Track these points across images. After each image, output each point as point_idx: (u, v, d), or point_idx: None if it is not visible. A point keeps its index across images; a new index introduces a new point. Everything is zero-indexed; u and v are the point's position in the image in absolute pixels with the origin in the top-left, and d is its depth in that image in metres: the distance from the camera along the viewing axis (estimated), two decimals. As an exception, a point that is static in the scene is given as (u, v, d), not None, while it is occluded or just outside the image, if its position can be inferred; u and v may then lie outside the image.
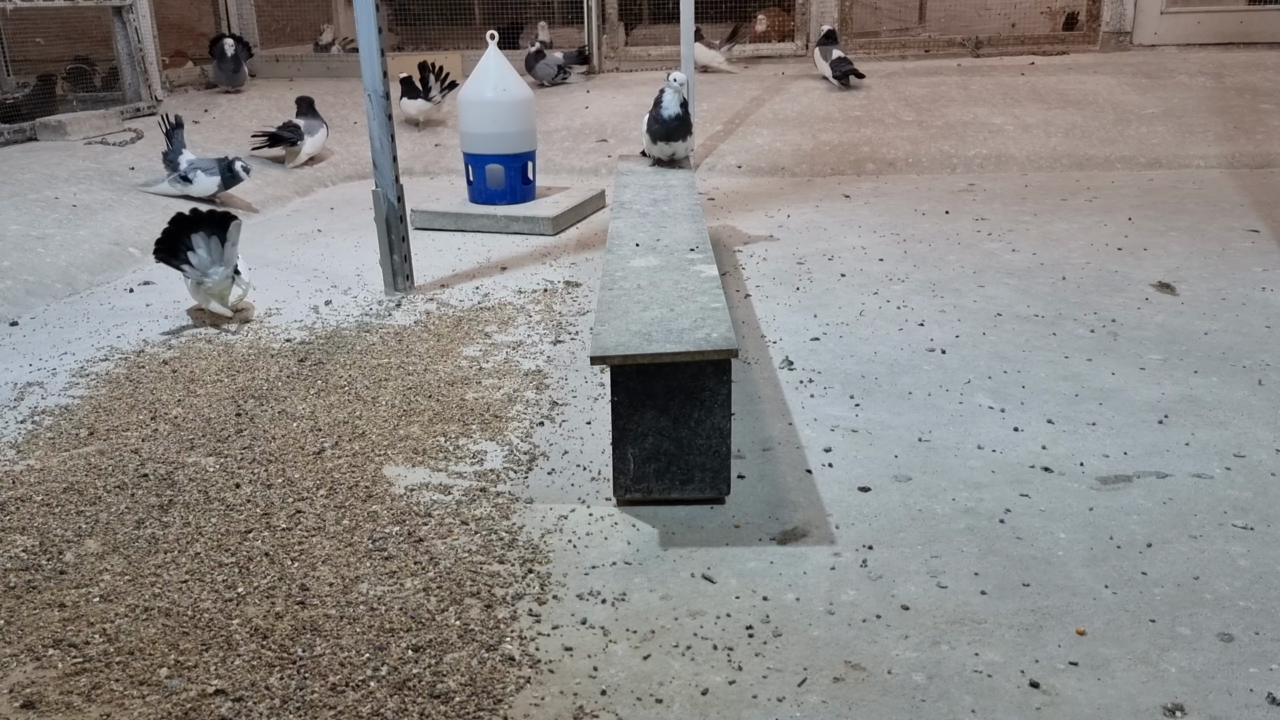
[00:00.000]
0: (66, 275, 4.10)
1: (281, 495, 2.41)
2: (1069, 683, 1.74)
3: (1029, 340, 3.32)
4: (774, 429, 2.74)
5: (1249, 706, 1.67)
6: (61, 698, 1.75)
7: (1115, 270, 4.05)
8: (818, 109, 6.94)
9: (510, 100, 5.02)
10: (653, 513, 2.32)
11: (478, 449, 2.65)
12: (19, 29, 7.48)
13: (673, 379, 2.24)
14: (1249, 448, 2.56)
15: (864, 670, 1.78)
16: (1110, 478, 2.43)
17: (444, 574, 2.08)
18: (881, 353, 3.25)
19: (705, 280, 2.69)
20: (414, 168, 6.46)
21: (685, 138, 4.36)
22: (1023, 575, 2.04)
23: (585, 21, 8.48)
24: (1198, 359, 3.13)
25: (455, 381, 3.08)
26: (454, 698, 1.72)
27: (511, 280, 4.16)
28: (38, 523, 2.31)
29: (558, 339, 3.46)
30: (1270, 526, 2.19)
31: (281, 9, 9.54)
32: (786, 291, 3.91)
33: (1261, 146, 6.10)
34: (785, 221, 5.04)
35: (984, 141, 6.35)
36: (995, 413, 2.80)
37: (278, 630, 1.90)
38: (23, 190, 4.89)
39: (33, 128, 6.05)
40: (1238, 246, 4.33)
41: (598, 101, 7.38)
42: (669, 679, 1.77)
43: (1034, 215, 4.99)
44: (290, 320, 3.72)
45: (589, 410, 2.89)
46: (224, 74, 7.67)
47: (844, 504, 2.34)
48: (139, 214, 4.90)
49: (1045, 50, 8.24)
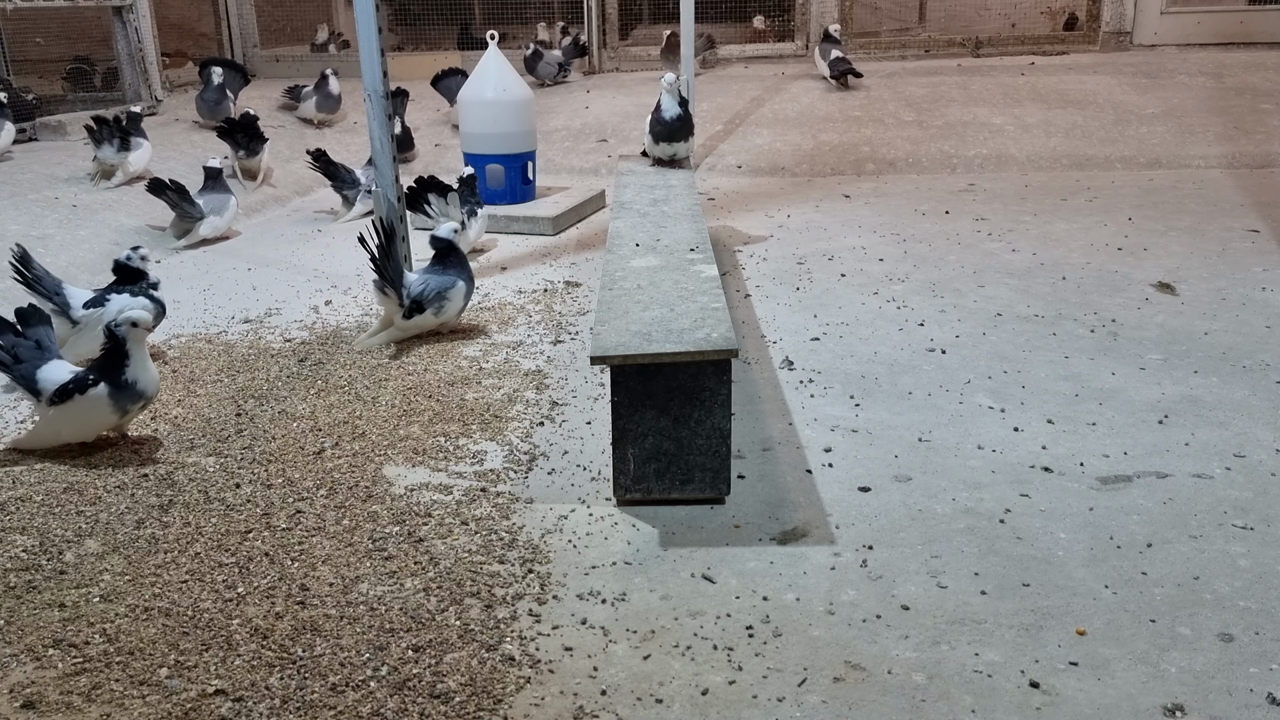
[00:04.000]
0: (67, 275, 4.09)
1: (281, 495, 2.41)
2: (1069, 683, 1.74)
3: (1029, 340, 3.32)
4: (774, 429, 2.74)
5: (1249, 706, 1.67)
6: (61, 698, 1.75)
7: (1115, 270, 4.05)
8: (818, 109, 6.94)
9: (510, 100, 5.02)
10: (653, 513, 2.32)
11: (478, 449, 2.65)
12: (19, 29, 7.48)
13: (673, 379, 2.24)
14: (1249, 448, 2.56)
15: (864, 670, 1.78)
16: (1110, 478, 2.43)
17: (444, 574, 2.08)
18: (881, 353, 3.25)
19: (705, 280, 2.69)
20: (414, 168, 6.46)
21: (686, 138, 4.37)
22: (1023, 575, 2.04)
23: (585, 21, 8.48)
24: (1198, 359, 3.13)
25: (455, 381, 3.08)
26: (454, 698, 1.72)
27: (511, 280, 4.16)
28: (38, 523, 2.31)
29: (558, 339, 3.45)
30: (1270, 526, 2.19)
31: (281, 9, 9.54)
32: (786, 291, 3.91)
33: (1261, 146, 6.10)
34: (785, 221, 5.04)
35: (984, 141, 6.35)
36: (995, 413, 2.80)
37: (278, 630, 1.90)
38: (23, 190, 4.89)
39: (33, 128, 6.04)
40: (1238, 246, 4.33)
41: (598, 101, 7.38)
42: (669, 679, 1.77)
43: (1034, 215, 4.99)
44: (290, 320, 3.72)
45: (589, 410, 2.89)
46: (205, 105, 6.52)
47: (844, 504, 2.34)
48: (139, 214, 4.90)
49: (1045, 50, 8.23)
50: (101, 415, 2.61)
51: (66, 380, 2.59)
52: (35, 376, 2.62)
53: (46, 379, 2.61)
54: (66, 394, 2.58)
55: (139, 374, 2.61)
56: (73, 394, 2.58)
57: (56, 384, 2.59)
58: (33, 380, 2.62)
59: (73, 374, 2.62)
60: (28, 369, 2.63)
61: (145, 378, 2.63)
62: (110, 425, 2.67)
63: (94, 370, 2.60)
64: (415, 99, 7.67)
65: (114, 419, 2.64)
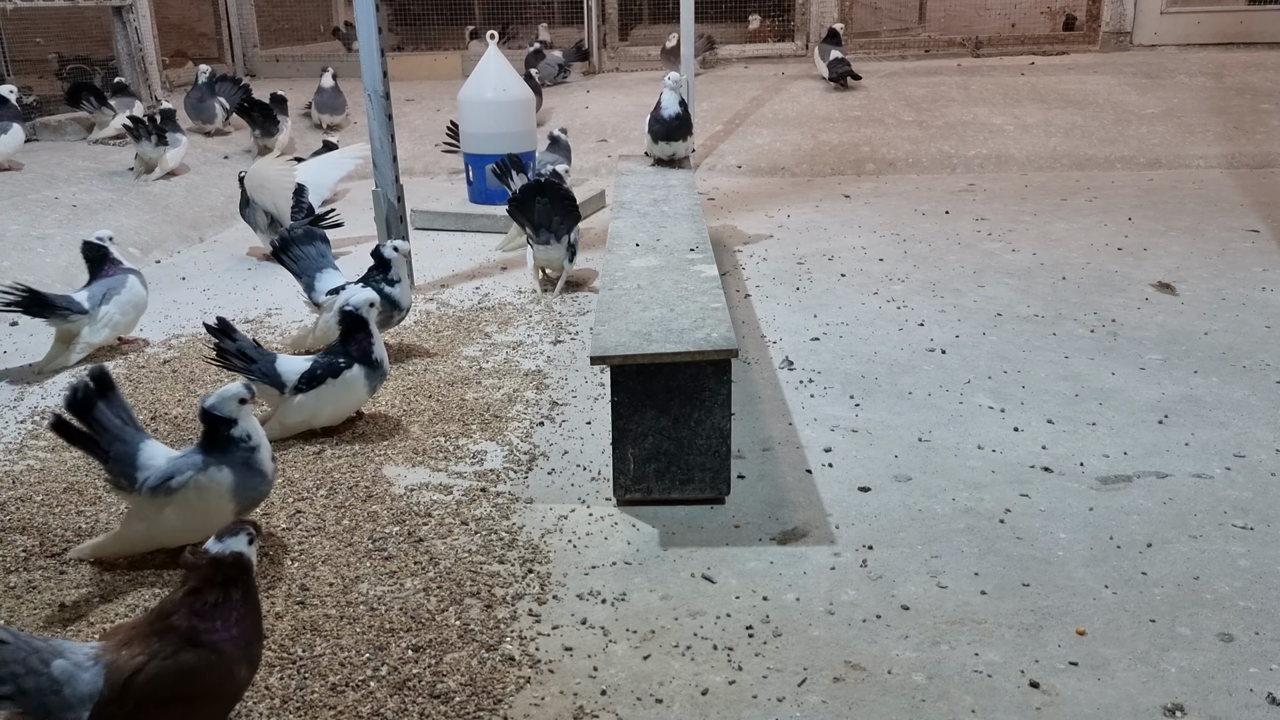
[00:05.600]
0: (66, 275, 4.09)
1: (281, 495, 2.41)
2: (1069, 683, 1.74)
3: (1029, 340, 3.32)
4: (774, 429, 2.74)
5: (1249, 706, 1.67)
6: (61, 698, 1.75)
7: (1115, 270, 4.05)
8: (818, 109, 6.94)
9: (510, 100, 5.02)
10: (653, 513, 2.32)
11: (478, 449, 2.65)
12: (19, 29, 7.48)
13: (673, 379, 2.24)
14: (1249, 448, 2.56)
15: (864, 670, 1.78)
16: (1110, 478, 2.43)
17: (444, 574, 2.08)
18: (881, 353, 3.25)
19: (705, 280, 2.69)
20: (414, 168, 6.46)
21: (685, 137, 4.36)
22: (1023, 575, 2.04)
23: (585, 21, 8.47)
24: (1198, 359, 3.13)
25: (455, 381, 3.08)
26: (454, 698, 1.72)
27: (511, 280, 4.16)
28: (38, 523, 2.31)
29: (558, 339, 3.45)
30: (1270, 526, 2.19)
31: (281, 9, 9.54)
32: (786, 291, 3.91)
33: (1261, 146, 6.10)
34: (785, 221, 5.04)
35: (984, 141, 6.35)
36: (995, 413, 2.80)
37: (278, 630, 1.90)
38: (23, 190, 4.89)
39: (33, 127, 6.04)
40: (1238, 246, 4.33)
41: (598, 101, 7.38)
42: (669, 679, 1.77)
43: (1034, 215, 4.99)
44: (290, 320, 3.72)
45: (589, 410, 2.89)
46: (188, 104, 6.38)
47: (844, 504, 2.34)
48: (139, 214, 4.90)
49: (1045, 50, 8.24)
50: (358, 394, 2.68)
51: (316, 366, 2.65)
52: (275, 370, 2.65)
53: (287, 370, 2.65)
54: (317, 379, 2.65)
55: (382, 354, 2.69)
56: (324, 379, 2.65)
57: (298, 373, 2.63)
58: (274, 374, 2.64)
59: (316, 360, 2.67)
60: (265, 364, 2.65)
61: (385, 357, 2.71)
62: (363, 404, 2.76)
63: (341, 355, 2.66)
64: (415, 99, 7.68)
65: (367, 397, 2.73)
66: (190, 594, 1.50)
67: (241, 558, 1.52)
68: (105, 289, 3.30)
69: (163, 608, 1.50)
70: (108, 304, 3.28)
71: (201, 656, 1.46)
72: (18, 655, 1.37)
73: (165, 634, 1.47)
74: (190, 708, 1.47)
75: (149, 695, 1.43)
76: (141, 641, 1.46)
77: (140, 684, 1.42)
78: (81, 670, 1.41)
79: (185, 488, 2.05)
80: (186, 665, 1.45)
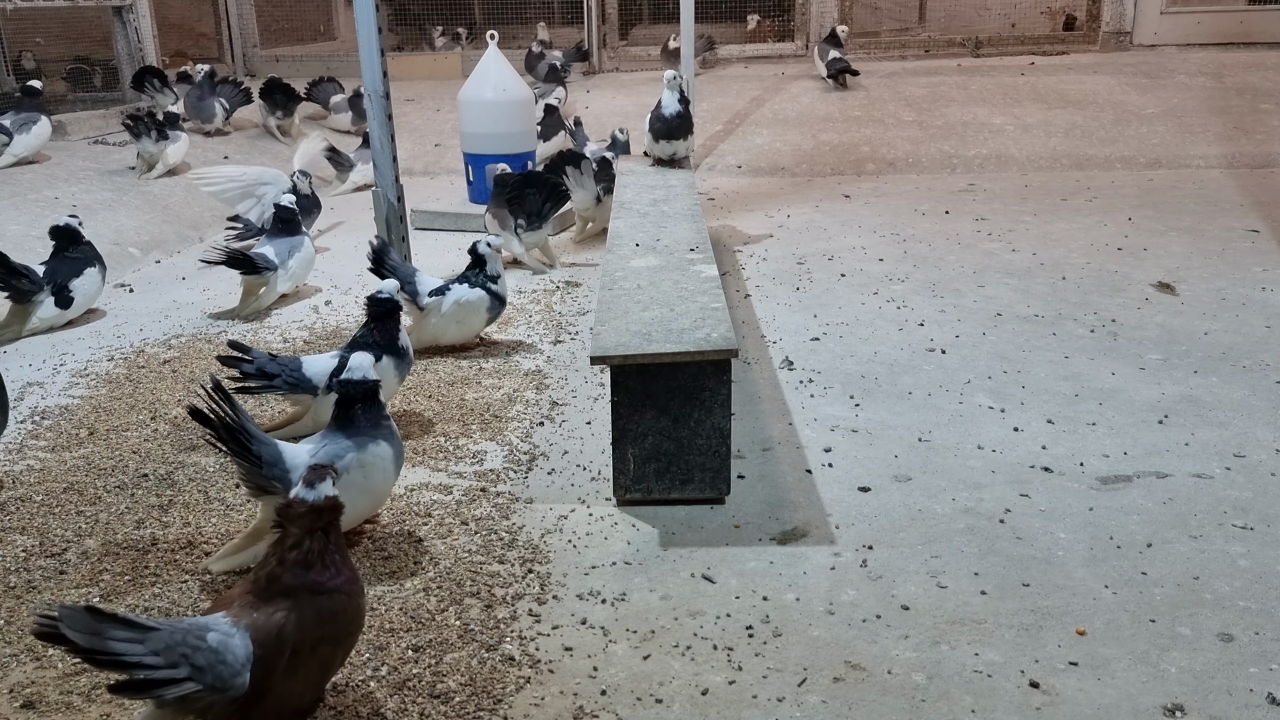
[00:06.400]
0: (66, 275, 4.09)
1: (281, 495, 2.41)
2: (1069, 683, 1.74)
3: (1029, 340, 3.32)
4: (774, 429, 2.74)
5: (1249, 706, 1.67)
6: (61, 698, 1.75)
7: (1115, 270, 4.05)
8: (817, 109, 6.94)
9: (510, 100, 5.02)
10: (653, 513, 2.32)
11: (478, 449, 2.65)
12: (19, 29, 7.48)
13: (673, 379, 2.24)
14: (1249, 448, 2.56)
15: (864, 670, 1.78)
16: (1110, 478, 2.43)
17: (444, 574, 2.08)
18: (881, 353, 3.25)
19: (705, 280, 2.69)
20: (414, 168, 6.46)
21: (686, 136, 4.36)
22: (1023, 575, 2.04)
23: (585, 21, 8.47)
24: (1198, 359, 3.13)
25: (455, 381, 3.08)
26: (454, 698, 1.72)
27: (511, 280, 4.16)
28: (38, 523, 2.31)
29: (558, 339, 3.46)
30: (1270, 526, 2.19)
31: (281, 9, 9.54)
32: (786, 291, 3.91)
33: (1261, 146, 6.10)
34: (785, 221, 5.04)
35: (984, 141, 6.35)
36: (995, 413, 2.80)
37: (278, 630, 1.90)
38: (23, 190, 4.89)
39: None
40: (1238, 246, 4.33)
41: (598, 101, 7.38)
42: (669, 679, 1.77)
43: (1034, 215, 4.99)
44: (290, 320, 3.72)
45: (589, 410, 2.89)
46: (188, 103, 6.37)
47: (844, 504, 2.34)
48: (139, 214, 4.90)
49: (1045, 50, 8.24)
50: (389, 385, 2.62)
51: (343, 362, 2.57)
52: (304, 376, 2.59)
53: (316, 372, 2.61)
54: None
55: (407, 342, 2.70)
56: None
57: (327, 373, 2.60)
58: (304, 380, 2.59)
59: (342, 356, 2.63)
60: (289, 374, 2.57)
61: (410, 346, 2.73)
62: (392, 395, 2.79)
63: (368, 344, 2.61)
64: (415, 99, 7.68)
65: (396, 387, 2.74)
66: (293, 547, 1.57)
67: (336, 500, 1.62)
68: (289, 246, 3.87)
69: (269, 569, 1.56)
70: (291, 259, 3.86)
71: (335, 600, 1.57)
72: (176, 638, 1.43)
73: (291, 592, 1.55)
74: (336, 648, 1.61)
75: (301, 644, 1.53)
76: (268, 602, 1.54)
77: (289, 635, 1.51)
78: (230, 637, 1.48)
79: (350, 469, 2.03)
80: (326, 611, 1.56)
